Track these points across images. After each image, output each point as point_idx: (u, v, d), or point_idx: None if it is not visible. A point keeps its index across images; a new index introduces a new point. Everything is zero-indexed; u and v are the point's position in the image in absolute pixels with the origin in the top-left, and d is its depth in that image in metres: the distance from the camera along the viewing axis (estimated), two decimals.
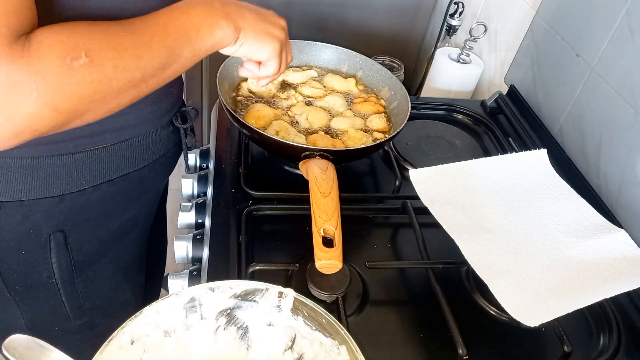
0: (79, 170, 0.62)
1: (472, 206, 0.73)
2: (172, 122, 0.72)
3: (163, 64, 0.52)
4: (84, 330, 0.76)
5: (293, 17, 1.20)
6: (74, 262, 0.68)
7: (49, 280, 0.67)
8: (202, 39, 0.56)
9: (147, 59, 0.50)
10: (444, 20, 1.26)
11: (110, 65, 0.47)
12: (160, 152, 0.72)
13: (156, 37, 0.52)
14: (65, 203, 0.63)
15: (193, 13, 0.55)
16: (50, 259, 0.65)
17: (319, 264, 0.60)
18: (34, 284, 0.67)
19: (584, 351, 0.65)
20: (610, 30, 0.82)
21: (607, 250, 0.68)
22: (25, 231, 0.62)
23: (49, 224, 0.63)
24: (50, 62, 0.43)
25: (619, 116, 0.79)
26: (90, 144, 0.62)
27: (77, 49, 0.44)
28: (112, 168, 0.65)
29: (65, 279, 0.69)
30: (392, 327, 0.65)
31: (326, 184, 0.68)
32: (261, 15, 0.63)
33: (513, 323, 0.60)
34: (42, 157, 0.59)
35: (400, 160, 0.89)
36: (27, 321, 0.71)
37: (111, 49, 0.47)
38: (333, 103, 0.89)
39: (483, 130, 1.04)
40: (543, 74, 0.99)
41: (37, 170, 0.59)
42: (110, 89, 0.48)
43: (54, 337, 0.73)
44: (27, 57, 0.41)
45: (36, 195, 0.60)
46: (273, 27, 0.64)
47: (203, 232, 0.76)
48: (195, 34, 0.55)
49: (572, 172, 0.87)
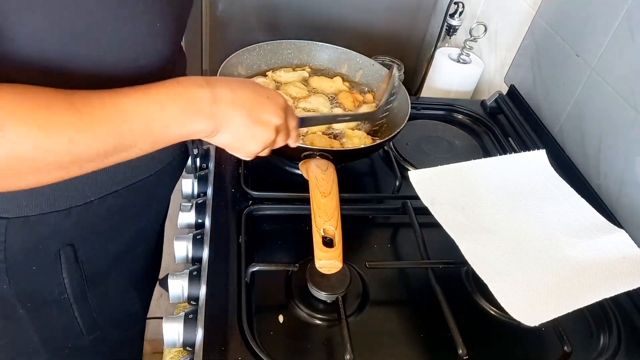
0: (84, 183, 0.61)
1: (472, 206, 0.73)
2: None
3: (106, 152, 0.47)
4: (96, 345, 0.75)
5: (293, 17, 1.20)
6: (86, 277, 0.67)
7: (61, 296, 0.66)
8: (168, 133, 0.51)
9: (85, 145, 0.44)
10: (444, 20, 1.26)
11: (28, 144, 0.41)
12: (166, 160, 0.71)
13: (108, 123, 0.46)
14: (72, 217, 0.62)
15: (170, 107, 0.50)
16: (61, 274, 0.64)
17: (319, 264, 0.60)
18: (47, 301, 0.66)
19: (584, 351, 0.65)
20: (610, 30, 0.82)
21: (607, 250, 0.68)
22: (34, 247, 0.61)
23: (57, 239, 0.62)
24: None
25: (619, 116, 0.79)
26: None
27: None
28: (117, 178, 0.64)
29: (78, 295, 0.68)
30: (392, 327, 0.65)
31: (326, 184, 0.68)
32: (253, 115, 0.57)
33: (513, 323, 0.60)
34: None
35: (400, 160, 0.89)
36: (40, 340, 0.69)
37: (35, 126, 0.41)
38: (316, 103, 0.89)
39: (483, 130, 1.04)
40: (543, 74, 0.99)
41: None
42: (25, 167, 0.43)
43: (66, 355, 0.73)
44: None
45: (42, 210, 0.59)
46: (263, 128, 0.58)
47: (203, 232, 0.76)
48: (160, 129, 0.50)
49: (572, 172, 0.87)
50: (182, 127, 0.52)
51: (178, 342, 0.64)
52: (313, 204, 0.66)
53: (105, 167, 0.61)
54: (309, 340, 0.62)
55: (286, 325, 0.63)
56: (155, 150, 0.52)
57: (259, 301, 0.65)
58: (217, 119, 0.54)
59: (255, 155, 0.61)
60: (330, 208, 0.65)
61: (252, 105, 0.57)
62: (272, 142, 0.60)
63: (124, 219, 0.69)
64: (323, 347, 0.61)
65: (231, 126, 0.56)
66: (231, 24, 1.20)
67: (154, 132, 0.50)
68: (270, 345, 0.60)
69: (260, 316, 0.63)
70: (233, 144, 0.58)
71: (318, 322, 0.64)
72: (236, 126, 0.56)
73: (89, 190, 0.62)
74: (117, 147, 0.48)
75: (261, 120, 0.58)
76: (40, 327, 0.68)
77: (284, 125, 0.61)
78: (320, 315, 0.64)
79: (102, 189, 0.63)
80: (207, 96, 0.53)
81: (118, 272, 0.73)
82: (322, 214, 0.64)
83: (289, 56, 0.96)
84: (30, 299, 0.65)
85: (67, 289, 0.66)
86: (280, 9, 1.18)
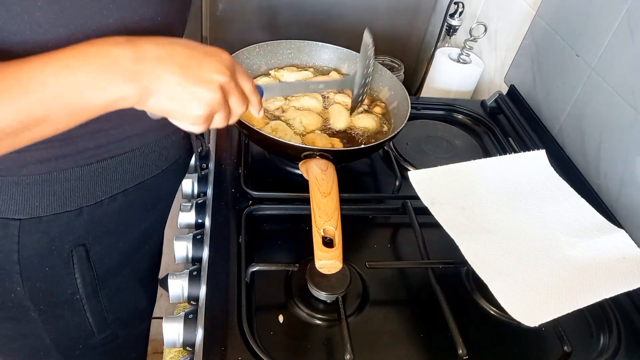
0: (94, 182, 0.61)
1: (472, 206, 0.73)
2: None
3: (13, 129, 0.42)
4: (106, 344, 0.75)
5: (293, 17, 1.20)
6: (97, 276, 0.68)
7: (73, 296, 0.67)
8: (86, 101, 0.44)
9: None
10: (444, 20, 1.26)
11: None
12: (172, 158, 0.71)
13: (7, 96, 0.41)
14: (84, 216, 0.62)
15: (81, 71, 0.44)
16: (73, 274, 0.65)
17: (319, 264, 0.60)
18: (59, 302, 0.66)
19: (584, 351, 0.65)
20: (610, 30, 0.82)
21: (607, 250, 0.68)
22: (47, 247, 0.61)
23: (69, 239, 0.62)
24: None
25: (619, 116, 0.79)
26: (98, 155, 0.61)
27: None
28: (127, 178, 0.65)
29: (90, 294, 0.68)
30: (392, 327, 0.65)
31: (326, 184, 0.68)
32: (189, 72, 0.48)
33: (513, 323, 0.60)
34: (56, 172, 0.58)
35: (400, 160, 0.89)
36: (52, 341, 0.70)
37: None
38: (307, 104, 0.89)
39: (483, 130, 1.04)
40: (543, 74, 0.99)
41: (54, 184, 0.58)
42: None
43: (78, 355, 0.73)
44: None
45: (54, 210, 0.59)
46: (203, 86, 0.49)
47: (203, 232, 0.76)
48: (74, 97, 0.44)
49: (572, 172, 0.87)
50: (100, 92, 0.45)
51: (178, 342, 0.65)
52: (313, 204, 0.66)
53: (115, 166, 0.62)
54: (309, 340, 0.62)
55: (286, 325, 0.63)
56: (81, 123, 0.47)
57: (259, 301, 0.65)
58: (144, 79, 0.46)
59: (205, 122, 0.51)
60: (330, 208, 0.65)
61: (186, 62, 0.49)
62: (220, 103, 0.51)
63: (133, 217, 0.70)
64: (323, 347, 0.61)
65: (163, 86, 0.47)
66: (231, 24, 1.20)
67: (67, 102, 0.44)
68: (270, 345, 0.60)
69: (260, 316, 0.63)
70: (171, 107, 0.49)
71: (318, 322, 0.64)
72: (169, 86, 0.47)
73: (99, 189, 0.62)
74: (26, 123, 0.43)
75: (200, 77, 0.49)
76: (52, 329, 0.68)
77: (234, 86, 0.52)
78: (320, 315, 0.64)
79: (112, 187, 0.64)
80: (127, 54, 0.45)
81: (127, 270, 0.73)
82: (322, 214, 0.64)
83: (289, 56, 0.96)
84: (43, 300, 0.65)
85: (79, 289, 0.66)
86: (280, 8, 1.18)
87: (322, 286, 0.63)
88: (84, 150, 0.59)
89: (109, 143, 0.61)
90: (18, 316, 0.66)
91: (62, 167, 0.58)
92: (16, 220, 0.58)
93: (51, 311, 0.66)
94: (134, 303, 0.78)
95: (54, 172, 0.58)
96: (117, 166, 0.63)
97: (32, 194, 0.57)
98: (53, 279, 0.64)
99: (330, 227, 0.62)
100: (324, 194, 0.67)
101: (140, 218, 0.71)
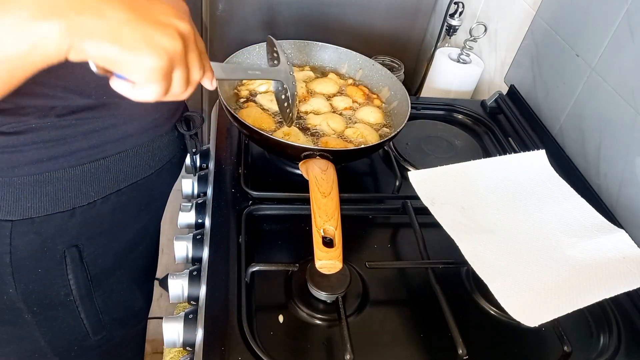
0: (87, 182, 0.61)
1: (472, 206, 0.73)
2: (176, 127, 0.72)
3: None
4: (102, 345, 0.75)
5: (293, 17, 1.20)
6: (91, 277, 0.67)
7: (67, 298, 0.66)
8: (3, 51, 0.36)
9: None
10: (444, 20, 1.26)
11: None
12: (166, 158, 0.71)
13: None
14: (77, 217, 0.62)
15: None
16: (67, 275, 0.64)
17: (319, 264, 0.60)
18: (53, 304, 0.66)
19: (584, 351, 0.65)
20: (610, 30, 0.82)
21: (607, 250, 0.68)
22: (39, 248, 0.61)
23: (62, 240, 0.62)
24: None
25: (619, 116, 0.79)
26: (91, 156, 0.61)
27: None
28: (119, 178, 0.65)
29: (84, 295, 0.68)
30: (392, 327, 0.65)
31: (326, 184, 0.68)
32: (142, 11, 0.40)
33: (513, 323, 0.60)
34: (48, 173, 0.58)
35: (400, 160, 0.89)
36: (46, 344, 0.69)
37: None
38: (317, 105, 0.89)
39: (483, 130, 1.04)
40: (543, 74, 0.99)
41: (46, 185, 0.58)
42: None
43: (73, 357, 0.73)
44: None
45: (46, 211, 0.59)
46: (160, 29, 0.40)
47: (203, 232, 0.76)
48: None
49: (572, 172, 0.87)
50: (18, 35, 0.36)
51: (178, 342, 0.65)
52: (313, 204, 0.66)
53: (107, 166, 0.62)
54: (309, 340, 0.62)
55: (286, 325, 0.63)
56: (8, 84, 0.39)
57: (259, 301, 0.65)
58: (73, 13, 0.36)
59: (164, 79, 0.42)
60: (330, 208, 0.65)
61: (137, 3, 0.40)
62: (180, 56, 0.42)
63: (127, 217, 0.69)
64: (323, 347, 0.61)
65: (105, 24, 0.38)
66: (231, 24, 1.20)
67: None
68: (270, 345, 0.59)
69: (260, 316, 0.63)
70: (117, 53, 0.39)
71: (318, 322, 0.64)
72: (114, 24, 0.38)
73: (92, 190, 0.62)
74: None
75: (156, 19, 0.40)
76: (46, 331, 0.68)
77: (194, 40, 0.44)
78: (320, 315, 0.64)
79: (105, 188, 0.63)
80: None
81: (122, 271, 0.73)
82: (322, 214, 0.64)
83: (289, 56, 0.96)
84: (37, 302, 0.65)
85: (72, 290, 0.66)
86: (280, 8, 1.18)
87: (322, 286, 0.63)
88: (77, 150, 0.59)
89: (102, 143, 0.61)
90: (12, 319, 0.65)
91: (54, 168, 0.58)
92: (8, 221, 0.57)
93: (45, 313, 0.66)
94: (129, 304, 0.78)
95: (46, 172, 0.58)
96: (110, 166, 0.63)
97: (24, 195, 0.57)
98: (46, 281, 0.64)
99: (330, 227, 0.62)
100: (324, 194, 0.67)
101: (134, 218, 0.71)
